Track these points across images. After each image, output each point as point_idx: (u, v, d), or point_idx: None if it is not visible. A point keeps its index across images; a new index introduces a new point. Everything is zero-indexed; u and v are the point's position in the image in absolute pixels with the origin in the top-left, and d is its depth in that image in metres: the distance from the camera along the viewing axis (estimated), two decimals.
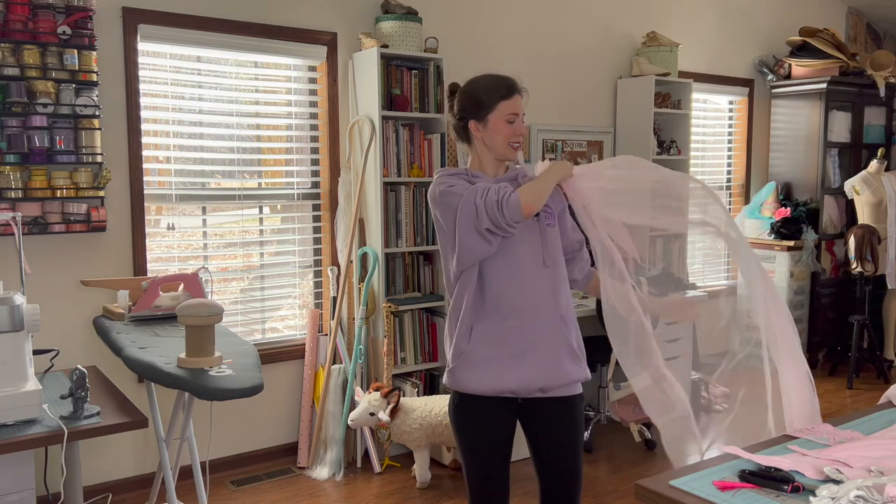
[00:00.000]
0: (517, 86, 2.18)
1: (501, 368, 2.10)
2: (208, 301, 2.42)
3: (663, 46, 5.13)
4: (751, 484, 1.66)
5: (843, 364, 5.66)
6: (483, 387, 2.12)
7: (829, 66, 5.80)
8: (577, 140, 5.06)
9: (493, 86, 2.16)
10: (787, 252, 5.64)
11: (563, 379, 2.14)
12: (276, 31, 3.86)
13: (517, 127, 2.15)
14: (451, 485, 3.72)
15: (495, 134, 2.15)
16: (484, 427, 2.17)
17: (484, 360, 2.11)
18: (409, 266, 4.16)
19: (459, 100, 2.21)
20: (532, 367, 2.10)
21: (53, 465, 2.68)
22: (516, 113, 2.15)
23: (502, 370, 2.10)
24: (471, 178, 2.17)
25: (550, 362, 2.11)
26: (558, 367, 2.12)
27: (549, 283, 2.14)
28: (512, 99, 2.14)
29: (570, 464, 2.20)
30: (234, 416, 3.89)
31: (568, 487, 2.20)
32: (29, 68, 3.13)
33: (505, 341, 2.11)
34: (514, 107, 2.14)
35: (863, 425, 2.08)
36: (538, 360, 2.10)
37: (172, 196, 3.71)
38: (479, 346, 2.12)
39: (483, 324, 2.12)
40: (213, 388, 2.20)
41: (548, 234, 2.17)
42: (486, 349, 2.11)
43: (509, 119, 2.14)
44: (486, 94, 2.15)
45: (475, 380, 2.12)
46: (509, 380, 2.10)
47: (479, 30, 4.57)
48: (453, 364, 2.16)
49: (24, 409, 2.14)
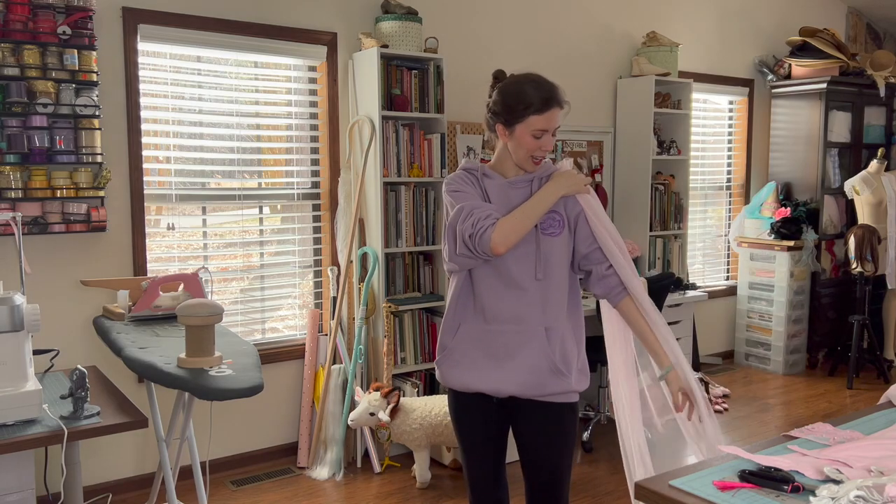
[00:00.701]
0: (556, 99, 2.06)
1: (480, 369, 2.11)
2: (208, 301, 2.42)
3: (663, 46, 5.14)
4: (751, 484, 1.66)
5: (843, 364, 5.66)
6: (461, 383, 2.15)
7: (829, 66, 5.81)
8: (577, 140, 5.06)
9: (530, 95, 2.05)
10: (787, 252, 5.64)
11: (538, 391, 2.09)
12: (276, 31, 3.86)
13: (543, 143, 2.07)
14: (451, 485, 3.72)
15: (518, 146, 2.09)
16: (469, 423, 2.20)
17: (465, 358, 2.13)
18: (409, 266, 4.16)
19: (495, 98, 2.12)
20: (509, 372, 2.08)
21: (53, 465, 2.68)
22: (546, 129, 2.06)
23: (480, 370, 2.11)
24: (481, 177, 2.14)
25: (528, 372, 2.07)
26: (536, 378, 2.08)
27: (539, 295, 2.08)
28: (545, 114, 2.04)
29: (552, 469, 2.16)
30: (234, 416, 3.90)
31: (549, 490, 2.18)
32: (29, 68, 3.13)
33: (487, 343, 2.10)
34: (545, 122, 2.05)
35: (863, 425, 2.08)
36: (516, 367, 2.07)
37: (172, 196, 3.71)
38: (461, 344, 2.13)
39: (469, 324, 2.13)
40: (213, 388, 2.20)
41: (544, 244, 2.08)
42: (468, 348, 2.12)
43: (536, 134, 2.06)
44: (520, 103, 2.05)
45: (455, 376, 2.15)
46: (485, 381, 2.10)
47: (479, 30, 4.57)
48: (438, 357, 2.20)
49: (24, 409, 2.13)
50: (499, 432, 2.21)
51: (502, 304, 2.08)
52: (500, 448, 2.23)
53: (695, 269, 5.95)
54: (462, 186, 2.11)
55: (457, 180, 2.13)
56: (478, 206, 2.03)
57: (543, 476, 2.17)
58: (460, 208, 2.04)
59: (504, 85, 2.12)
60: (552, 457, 2.15)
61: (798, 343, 5.84)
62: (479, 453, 2.22)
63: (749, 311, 5.97)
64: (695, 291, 4.88)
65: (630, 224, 5.15)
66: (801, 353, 5.88)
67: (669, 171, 5.30)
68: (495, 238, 1.96)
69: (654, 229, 5.14)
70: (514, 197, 2.11)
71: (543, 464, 2.16)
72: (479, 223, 1.98)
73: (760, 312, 5.88)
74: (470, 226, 1.98)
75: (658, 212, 5.16)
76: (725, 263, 6.26)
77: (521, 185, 2.13)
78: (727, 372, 5.81)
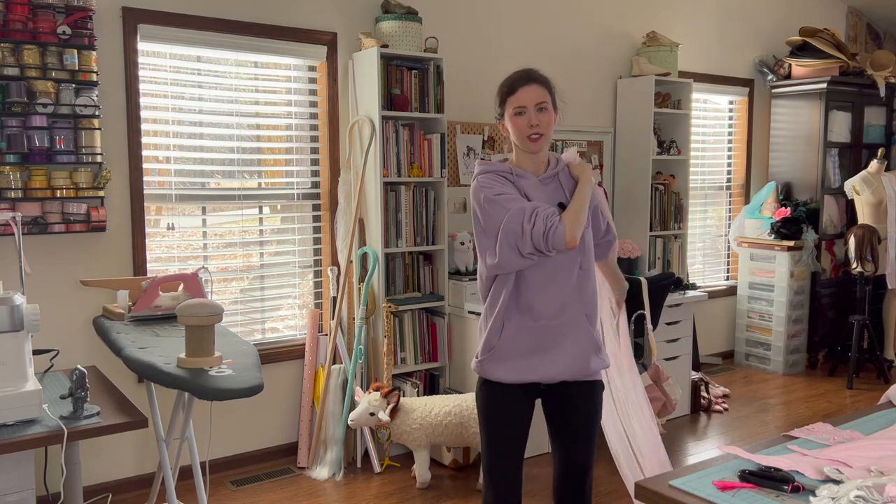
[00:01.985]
0: (527, 77, 2.20)
1: (528, 363, 2.20)
2: (208, 301, 2.41)
3: (663, 46, 5.14)
4: (751, 484, 1.66)
5: (843, 364, 5.66)
6: (512, 377, 2.23)
7: (829, 66, 5.81)
8: (578, 140, 5.06)
9: (506, 82, 2.23)
10: (787, 252, 5.64)
11: (584, 373, 2.25)
12: (276, 31, 3.86)
13: (528, 118, 2.17)
14: (451, 485, 3.72)
15: (513, 131, 2.22)
16: (506, 410, 2.27)
17: (512, 355, 2.21)
18: (409, 266, 4.16)
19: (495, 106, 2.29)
20: (557, 361, 2.20)
21: (53, 465, 2.68)
22: (523, 105, 2.17)
23: (529, 365, 2.20)
24: (515, 178, 2.21)
25: (575, 357, 2.21)
26: (582, 362, 2.23)
27: (578, 285, 2.21)
28: (518, 92, 2.18)
29: (584, 442, 2.28)
30: (234, 416, 3.90)
31: (580, 465, 2.29)
32: (29, 68, 3.13)
33: (534, 339, 2.20)
34: (520, 100, 2.17)
35: (863, 425, 2.08)
36: (564, 355, 2.20)
37: (172, 196, 3.71)
38: (508, 342, 2.21)
39: (514, 321, 2.21)
40: (213, 388, 2.20)
41: (584, 236, 2.22)
42: (515, 346, 2.21)
43: (518, 111, 2.18)
44: (500, 93, 2.24)
45: (505, 370, 2.23)
46: (535, 373, 2.21)
47: (479, 30, 4.57)
48: (483, 357, 2.26)
49: (24, 409, 2.13)
50: (530, 416, 2.31)
51: (547, 299, 2.18)
52: (525, 440, 2.31)
53: (695, 269, 5.95)
54: (502, 189, 2.17)
55: (492, 183, 2.18)
56: (538, 205, 2.11)
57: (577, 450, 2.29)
58: (520, 209, 2.09)
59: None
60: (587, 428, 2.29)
61: (798, 343, 5.84)
62: (512, 444, 2.28)
63: (749, 311, 5.97)
64: (695, 291, 4.88)
65: (630, 224, 5.15)
66: (801, 353, 5.88)
67: (669, 171, 5.30)
68: (569, 232, 2.07)
69: (654, 229, 5.14)
70: (549, 192, 2.22)
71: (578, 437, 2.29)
72: (549, 220, 2.06)
73: (760, 312, 5.88)
74: (542, 223, 2.06)
75: (658, 212, 5.16)
76: (725, 263, 6.26)
77: (550, 181, 2.25)
78: (727, 372, 5.81)
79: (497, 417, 2.28)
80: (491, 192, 2.15)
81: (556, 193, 2.22)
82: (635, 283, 4.08)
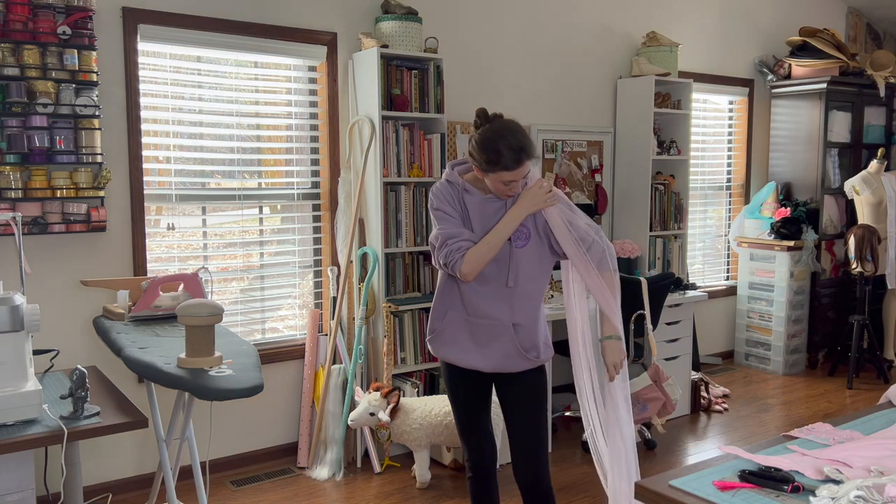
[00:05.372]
0: (525, 156, 2.30)
1: (466, 350, 2.48)
2: (208, 301, 2.42)
3: (663, 46, 5.14)
4: (751, 484, 1.66)
5: (843, 364, 5.66)
6: (453, 360, 2.52)
7: (829, 66, 5.81)
8: (577, 140, 5.06)
9: (504, 156, 2.28)
10: (787, 252, 5.64)
11: (512, 369, 2.47)
12: (276, 31, 3.86)
13: (512, 187, 2.35)
14: (451, 485, 3.72)
15: (490, 183, 2.37)
16: (463, 387, 2.57)
17: (452, 340, 2.50)
18: (409, 266, 4.16)
19: (474, 145, 2.34)
20: (488, 356, 2.45)
21: (53, 465, 2.68)
22: (514, 179, 2.32)
23: (467, 352, 2.48)
24: (462, 192, 2.42)
25: (502, 356, 2.45)
26: (511, 362, 2.45)
27: (510, 298, 2.41)
28: (514, 171, 2.30)
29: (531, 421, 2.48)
30: (234, 416, 3.90)
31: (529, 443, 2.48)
32: (29, 68, 3.13)
33: (469, 331, 2.47)
34: (514, 175, 2.31)
35: (863, 425, 2.08)
36: (493, 353, 2.44)
37: (172, 196, 3.71)
38: (449, 327, 2.50)
39: (454, 311, 2.49)
40: (213, 388, 2.20)
41: (516, 256, 2.39)
42: (454, 333, 2.49)
43: (505, 182, 2.33)
44: (492, 161, 2.30)
45: (448, 353, 2.52)
46: (472, 361, 2.48)
47: (479, 30, 4.57)
48: (430, 336, 2.56)
49: (24, 409, 2.13)
50: (484, 391, 2.60)
51: (480, 301, 2.43)
52: (486, 402, 2.61)
53: (695, 269, 5.95)
54: (443, 205, 2.41)
55: (440, 196, 2.43)
56: (452, 235, 2.36)
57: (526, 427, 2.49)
58: (439, 234, 2.39)
59: (482, 138, 2.33)
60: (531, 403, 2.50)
61: (798, 343, 5.84)
62: (471, 409, 2.60)
63: (749, 311, 5.97)
64: (695, 291, 4.88)
65: (630, 224, 5.15)
66: (801, 353, 5.88)
67: (669, 171, 5.30)
68: (464, 269, 2.34)
69: (654, 229, 5.14)
70: (490, 211, 2.41)
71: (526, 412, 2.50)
72: (451, 255, 2.34)
73: (760, 312, 5.88)
74: (444, 255, 2.36)
75: (658, 212, 5.16)
76: (725, 263, 6.26)
77: (495, 201, 2.41)
78: (727, 372, 5.81)
79: (457, 393, 2.59)
80: (435, 202, 2.42)
81: (496, 214, 2.39)
82: (635, 283, 4.08)
